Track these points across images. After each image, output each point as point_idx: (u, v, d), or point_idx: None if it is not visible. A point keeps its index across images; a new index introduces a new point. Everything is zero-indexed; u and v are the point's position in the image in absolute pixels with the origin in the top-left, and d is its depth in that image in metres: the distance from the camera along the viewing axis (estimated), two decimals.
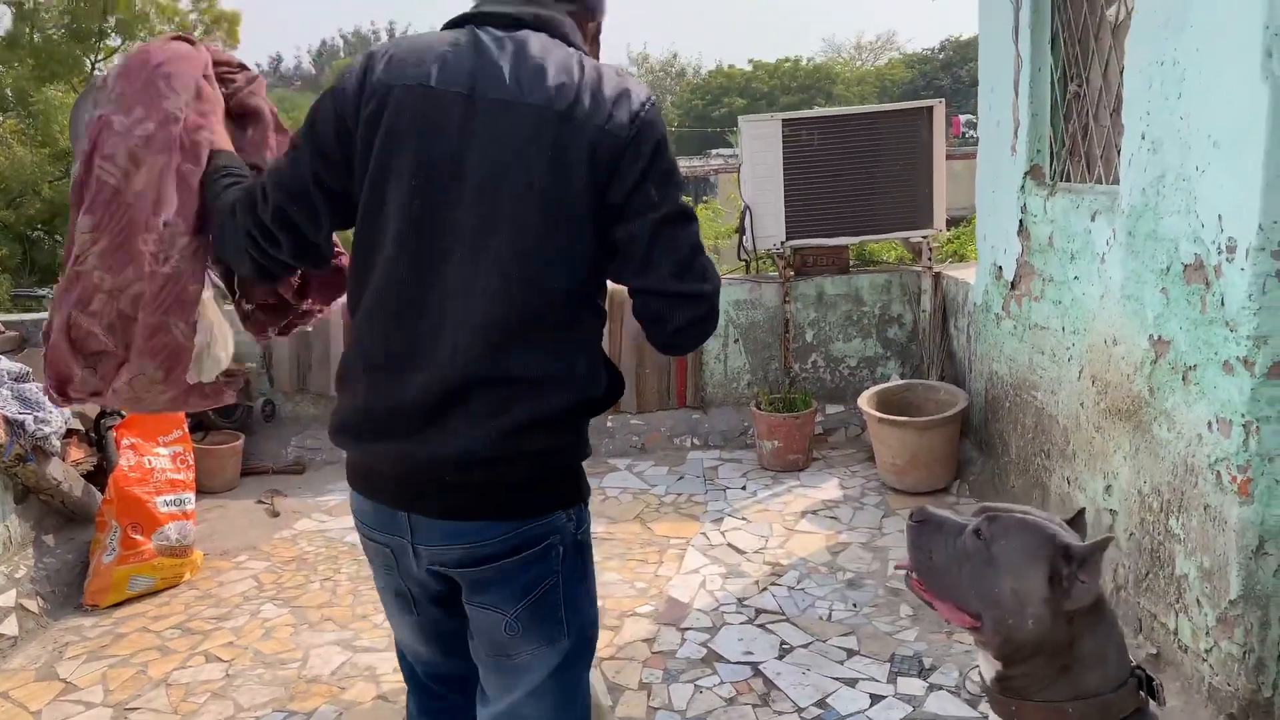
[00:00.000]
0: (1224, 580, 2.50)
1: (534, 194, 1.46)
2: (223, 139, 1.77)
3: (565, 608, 1.61)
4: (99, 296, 1.66)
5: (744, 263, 5.64)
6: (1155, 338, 2.80)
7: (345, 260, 1.80)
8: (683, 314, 1.53)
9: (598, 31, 1.71)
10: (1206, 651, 2.59)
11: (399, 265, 1.50)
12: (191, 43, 1.85)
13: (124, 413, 4.32)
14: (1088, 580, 1.37)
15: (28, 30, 16.05)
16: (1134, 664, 1.45)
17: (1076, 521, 1.53)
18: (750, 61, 52.02)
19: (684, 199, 1.56)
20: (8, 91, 15.95)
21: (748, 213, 5.26)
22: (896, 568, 2.26)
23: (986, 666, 1.50)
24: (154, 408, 1.79)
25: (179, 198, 1.66)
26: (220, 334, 1.82)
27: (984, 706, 1.54)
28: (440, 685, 1.83)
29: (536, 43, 1.52)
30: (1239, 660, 2.48)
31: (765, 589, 3.58)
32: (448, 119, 1.48)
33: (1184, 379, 2.65)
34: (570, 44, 1.57)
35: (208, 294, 1.76)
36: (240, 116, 1.89)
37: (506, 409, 1.49)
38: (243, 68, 1.95)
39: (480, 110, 1.48)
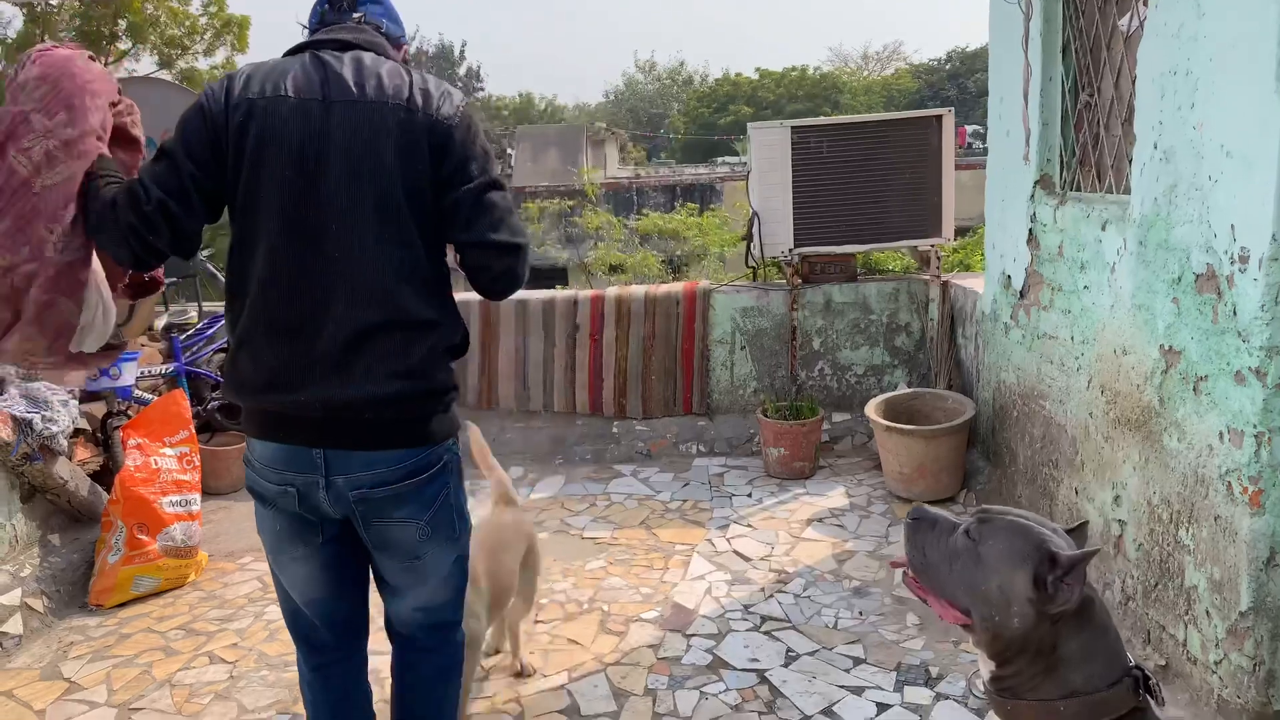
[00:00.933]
0: (1234, 592, 2.49)
1: (390, 171, 1.83)
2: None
3: (455, 512, 2.06)
4: None
5: (751, 269, 5.63)
6: (1166, 348, 2.79)
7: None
8: (500, 263, 1.91)
9: (406, 57, 2.08)
10: (1216, 663, 2.57)
11: (287, 242, 1.82)
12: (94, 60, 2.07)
13: (130, 412, 4.33)
14: (1071, 585, 1.40)
15: (39, 33, 16.14)
16: (1132, 663, 1.46)
17: (1079, 533, 1.54)
18: (757, 70, 52.06)
19: (496, 172, 1.93)
20: None
21: (756, 220, 5.26)
22: (891, 564, 2.34)
23: (983, 667, 1.55)
24: (42, 367, 2.07)
25: (80, 199, 1.90)
26: (104, 312, 2.02)
27: (991, 718, 1.57)
28: (331, 633, 2.11)
29: (368, 58, 1.91)
30: (1249, 672, 2.47)
31: (771, 596, 3.57)
32: (309, 121, 1.82)
33: (1195, 389, 2.64)
34: (391, 60, 1.96)
35: (95, 279, 1.99)
36: (118, 141, 2.09)
37: (406, 350, 1.86)
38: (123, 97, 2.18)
39: (334, 111, 1.83)
